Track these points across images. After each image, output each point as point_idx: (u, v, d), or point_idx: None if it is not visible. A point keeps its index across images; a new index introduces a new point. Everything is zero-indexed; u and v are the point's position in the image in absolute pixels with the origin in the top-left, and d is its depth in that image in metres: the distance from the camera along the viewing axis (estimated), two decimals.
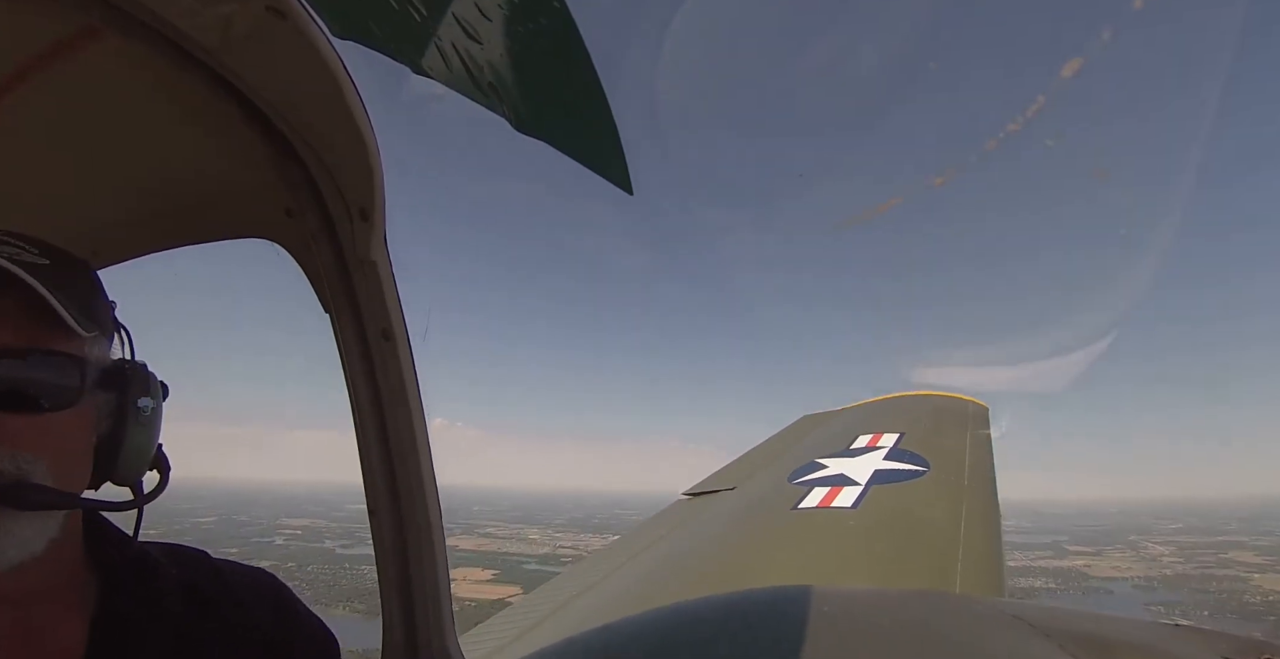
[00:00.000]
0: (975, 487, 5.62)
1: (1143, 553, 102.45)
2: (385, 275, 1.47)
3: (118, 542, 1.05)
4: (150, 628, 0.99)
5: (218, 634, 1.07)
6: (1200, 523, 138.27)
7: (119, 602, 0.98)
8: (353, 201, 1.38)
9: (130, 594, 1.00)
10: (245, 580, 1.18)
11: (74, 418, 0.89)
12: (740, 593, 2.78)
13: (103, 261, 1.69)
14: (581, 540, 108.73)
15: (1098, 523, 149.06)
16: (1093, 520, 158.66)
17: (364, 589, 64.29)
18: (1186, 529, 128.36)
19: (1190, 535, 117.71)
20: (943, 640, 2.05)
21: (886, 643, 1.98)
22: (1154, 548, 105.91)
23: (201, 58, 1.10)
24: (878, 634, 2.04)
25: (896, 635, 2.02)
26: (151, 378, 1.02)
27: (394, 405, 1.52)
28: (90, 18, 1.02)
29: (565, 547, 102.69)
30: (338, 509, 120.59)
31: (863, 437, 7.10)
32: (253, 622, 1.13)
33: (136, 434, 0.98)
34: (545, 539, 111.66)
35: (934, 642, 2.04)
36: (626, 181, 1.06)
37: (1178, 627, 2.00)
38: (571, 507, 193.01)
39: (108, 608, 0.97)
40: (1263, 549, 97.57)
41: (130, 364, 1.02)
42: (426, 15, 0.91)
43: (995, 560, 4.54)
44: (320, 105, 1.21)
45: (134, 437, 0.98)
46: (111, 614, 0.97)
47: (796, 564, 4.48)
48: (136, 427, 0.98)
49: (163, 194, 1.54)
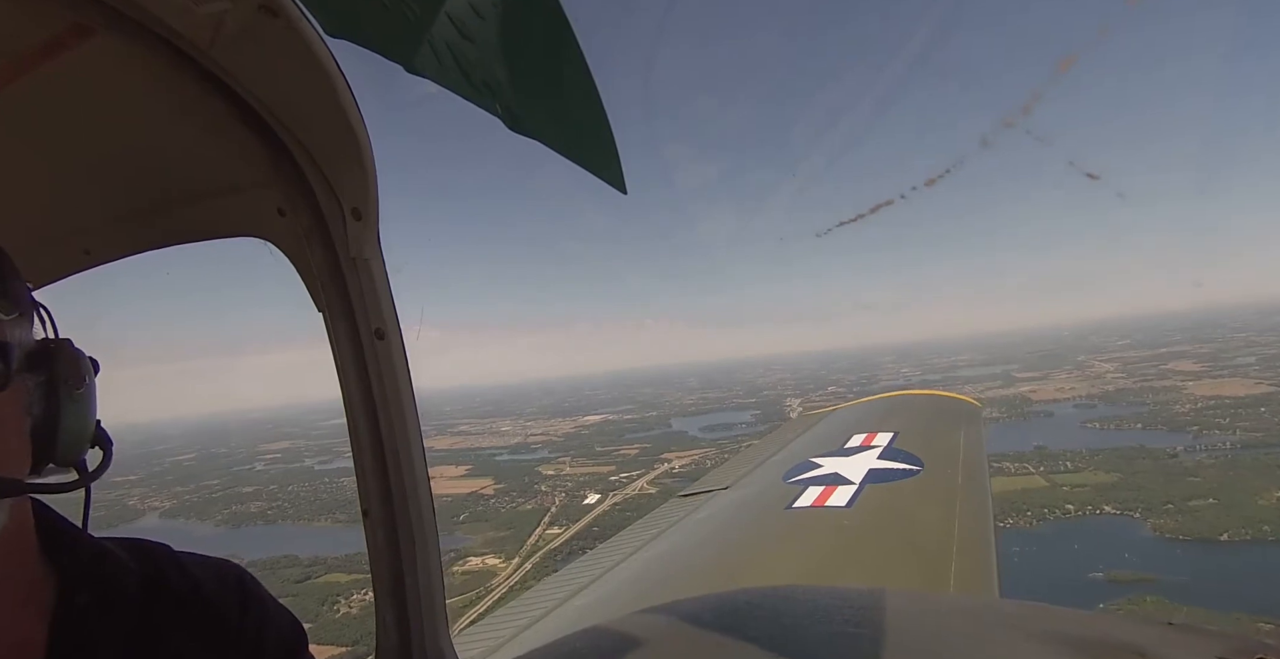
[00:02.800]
0: (969, 486, 5.65)
1: (1088, 372, 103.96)
2: (379, 274, 1.47)
3: (73, 536, 1.03)
4: (112, 623, 0.98)
5: (183, 628, 1.05)
6: (1147, 337, 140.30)
7: (78, 597, 0.96)
8: (346, 200, 1.37)
9: (89, 589, 0.98)
10: (209, 572, 1.16)
11: (4, 402, 0.86)
12: (734, 592, 2.78)
13: (95, 259, 1.69)
14: (551, 426, 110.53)
15: (1049, 348, 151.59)
16: (1048, 345, 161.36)
17: (343, 500, 65.26)
18: (1134, 344, 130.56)
19: (1137, 350, 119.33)
20: (934, 641, 2.06)
21: (878, 643, 1.98)
22: (1100, 366, 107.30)
23: (194, 56, 1.10)
24: (870, 634, 2.04)
25: (888, 636, 2.02)
26: (79, 355, 1.00)
27: (387, 405, 1.52)
28: (82, 16, 1.01)
29: (536, 434, 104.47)
30: (314, 428, 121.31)
31: (857, 436, 7.12)
32: (218, 613, 1.11)
33: (71, 412, 0.95)
34: (516, 429, 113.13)
35: (925, 642, 2.04)
36: (620, 181, 1.06)
37: (1171, 625, 2.00)
38: (541, 394, 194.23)
39: (67, 604, 0.95)
40: (1202, 357, 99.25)
41: (55, 343, 0.99)
42: (419, 13, 0.91)
43: (989, 560, 4.55)
44: (313, 104, 1.21)
45: (69, 415, 0.95)
46: (71, 610, 0.95)
47: (791, 564, 4.49)
48: (70, 405, 0.95)
49: (155, 192, 1.54)
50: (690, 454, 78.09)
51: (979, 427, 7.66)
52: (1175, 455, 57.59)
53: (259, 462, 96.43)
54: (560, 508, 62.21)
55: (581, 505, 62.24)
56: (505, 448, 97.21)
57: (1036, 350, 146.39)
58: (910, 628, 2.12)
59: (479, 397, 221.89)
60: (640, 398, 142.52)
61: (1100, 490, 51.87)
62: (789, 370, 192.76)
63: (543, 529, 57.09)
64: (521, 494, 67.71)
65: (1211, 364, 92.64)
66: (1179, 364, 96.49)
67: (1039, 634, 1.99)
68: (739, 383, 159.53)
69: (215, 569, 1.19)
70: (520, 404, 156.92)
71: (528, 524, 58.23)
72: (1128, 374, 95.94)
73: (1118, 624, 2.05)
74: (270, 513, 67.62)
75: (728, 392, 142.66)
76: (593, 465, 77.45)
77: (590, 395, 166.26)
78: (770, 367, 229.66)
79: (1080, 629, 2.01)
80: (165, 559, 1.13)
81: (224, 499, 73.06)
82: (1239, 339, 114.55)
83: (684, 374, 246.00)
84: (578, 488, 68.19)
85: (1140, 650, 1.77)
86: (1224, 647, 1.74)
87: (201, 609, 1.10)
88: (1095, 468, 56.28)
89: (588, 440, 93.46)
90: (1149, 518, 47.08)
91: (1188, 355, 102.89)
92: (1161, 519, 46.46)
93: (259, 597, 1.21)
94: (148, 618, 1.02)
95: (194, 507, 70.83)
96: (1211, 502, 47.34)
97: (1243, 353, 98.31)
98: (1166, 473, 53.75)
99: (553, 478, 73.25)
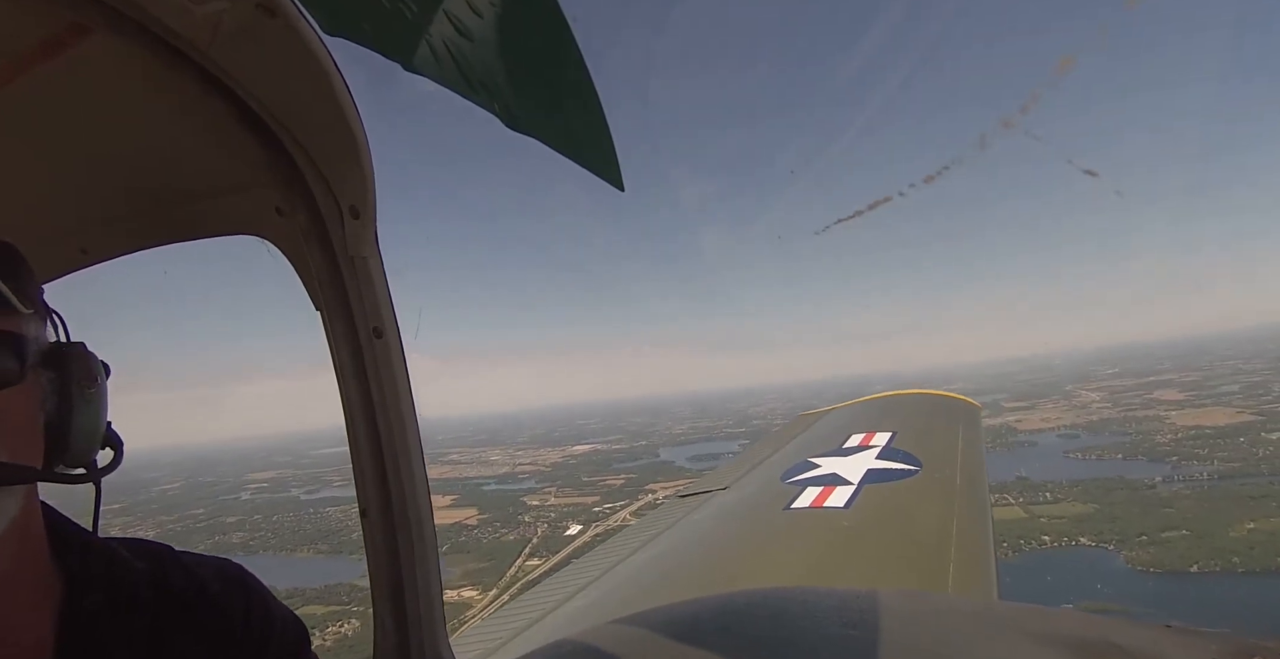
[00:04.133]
0: (967, 486, 5.64)
1: (1074, 402, 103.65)
2: (377, 273, 1.47)
3: (82, 539, 1.04)
4: (120, 623, 0.98)
5: (189, 628, 1.06)
6: (1137, 365, 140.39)
7: (88, 599, 0.97)
8: (344, 199, 1.37)
9: (99, 591, 0.98)
10: (212, 572, 1.17)
11: (21, 396, 0.86)
12: (732, 594, 2.78)
13: (92, 258, 1.68)
14: (540, 455, 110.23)
15: (1041, 376, 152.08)
16: (1041, 374, 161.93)
17: (327, 530, 65.43)
18: (1122, 373, 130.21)
19: (1124, 379, 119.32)
20: (933, 642, 2.05)
21: (876, 645, 1.97)
22: (1087, 395, 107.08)
23: (192, 55, 1.10)
24: (868, 636, 2.04)
25: (887, 637, 2.01)
26: (92, 356, 1.01)
27: (385, 404, 1.51)
28: (80, 15, 1.01)
29: (524, 464, 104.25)
30: (304, 456, 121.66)
31: (855, 436, 7.12)
32: (223, 613, 1.12)
33: (84, 412, 0.97)
34: (505, 459, 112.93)
35: (924, 644, 2.04)
36: (618, 178, 1.06)
37: (1168, 628, 2.00)
38: (535, 423, 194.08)
39: (75, 603, 0.96)
40: (1187, 385, 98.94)
41: (69, 345, 1.01)
42: (418, 12, 0.91)
43: (987, 561, 4.55)
44: (311, 102, 1.21)
45: (82, 414, 0.96)
46: (79, 609, 0.96)
47: (789, 565, 4.48)
48: (83, 404, 0.97)
49: (153, 191, 1.53)
50: (675, 484, 77.28)
51: (977, 427, 7.66)
52: (1153, 486, 57.55)
53: (246, 491, 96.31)
54: (542, 539, 62.10)
55: (563, 536, 62.00)
56: (493, 477, 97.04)
57: (1027, 380, 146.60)
58: (909, 629, 2.11)
59: (473, 425, 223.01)
60: (631, 427, 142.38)
61: (1077, 522, 51.87)
62: (782, 399, 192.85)
63: (523, 560, 56.94)
64: (505, 524, 67.57)
65: (1195, 393, 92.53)
66: (1164, 393, 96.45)
67: (1037, 636, 1.99)
68: (731, 412, 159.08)
69: (217, 569, 1.20)
70: (513, 433, 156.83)
71: (509, 555, 58.16)
72: (1113, 403, 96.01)
73: (1116, 626, 2.04)
74: (252, 544, 67.16)
75: (719, 420, 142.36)
76: (578, 495, 77.17)
77: (582, 425, 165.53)
78: (764, 396, 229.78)
79: (1078, 631, 2.01)
80: (169, 560, 1.14)
81: (207, 529, 72.47)
82: (1225, 367, 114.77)
83: (678, 403, 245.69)
84: (560, 518, 67.99)
85: (1138, 653, 1.77)
86: (1220, 650, 1.74)
87: (206, 609, 1.10)
88: (1074, 499, 56.31)
89: (575, 470, 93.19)
90: (1123, 550, 47.13)
91: (1173, 384, 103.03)
92: (1135, 551, 46.54)
93: (261, 596, 1.22)
94: (156, 618, 1.03)
95: (176, 536, 69.40)
96: (1185, 533, 47.44)
97: (1227, 381, 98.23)
98: (1143, 504, 53.74)
99: (537, 508, 73.03)
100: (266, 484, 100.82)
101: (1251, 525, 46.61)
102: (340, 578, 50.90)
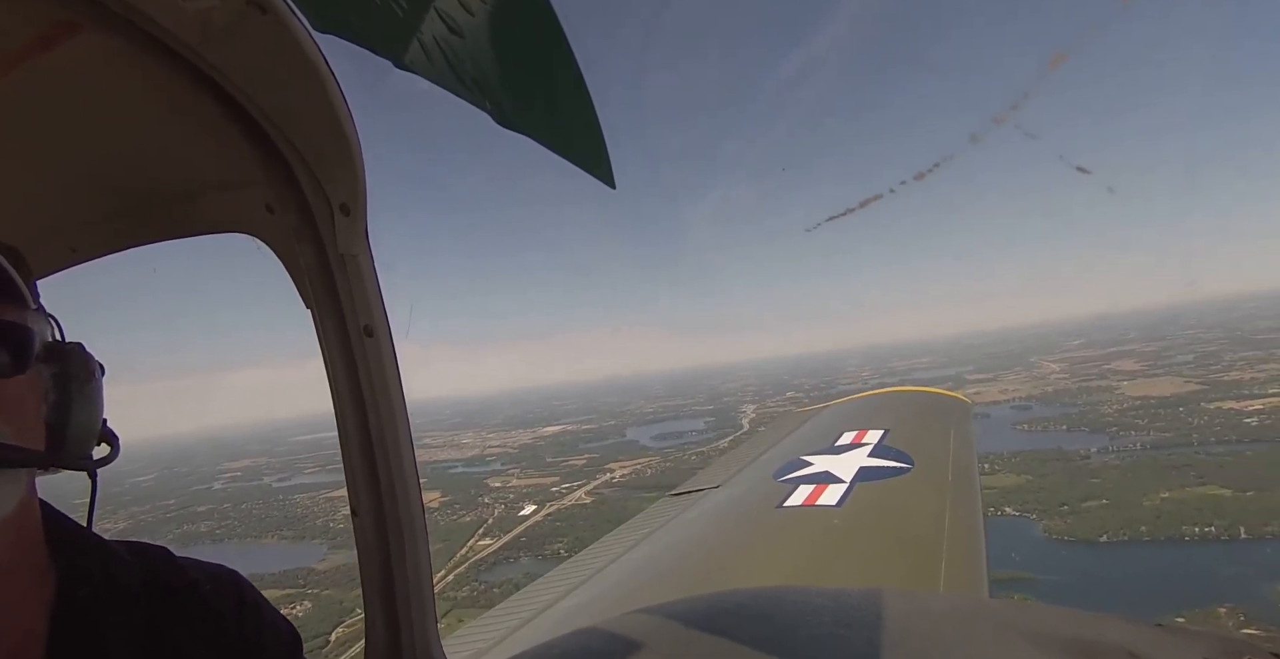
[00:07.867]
0: (959, 484, 5.66)
1: (1035, 373, 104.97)
2: (367, 270, 1.46)
3: (77, 533, 1.06)
4: (116, 619, 1.00)
5: (184, 625, 1.08)
6: (1102, 336, 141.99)
7: (82, 592, 0.98)
8: (334, 197, 1.37)
9: (93, 585, 1.00)
10: (207, 573, 1.19)
11: (26, 386, 0.90)
12: (724, 593, 2.78)
13: (82, 256, 1.68)
14: (510, 437, 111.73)
15: (1008, 348, 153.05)
16: (1009, 346, 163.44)
17: (293, 517, 66.34)
18: (1087, 343, 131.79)
19: (1088, 349, 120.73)
20: (925, 641, 2.06)
21: (868, 643, 1.98)
22: (1048, 366, 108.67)
23: (181, 52, 1.09)
24: (860, 634, 2.04)
25: (879, 636, 2.02)
26: (89, 356, 1.05)
27: (376, 402, 1.51)
28: (69, 12, 1.00)
29: (494, 446, 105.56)
30: (280, 444, 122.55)
31: (847, 433, 7.14)
32: (217, 613, 1.14)
33: (82, 406, 1.00)
34: (476, 441, 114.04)
35: (916, 642, 2.05)
36: (609, 176, 1.06)
37: (1159, 627, 2.01)
38: (509, 405, 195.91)
39: (69, 597, 0.97)
40: (1145, 356, 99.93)
41: (67, 343, 1.04)
42: (409, 9, 0.91)
43: (979, 558, 4.57)
44: (301, 100, 1.20)
45: (80, 408, 1.00)
46: (73, 603, 0.97)
47: (781, 563, 4.48)
48: (82, 399, 1.00)
49: (142, 189, 1.53)
50: (635, 463, 78.70)
51: (969, 424, 7.68)
52: (1087, 457, 58.24)
53: (218, 480, 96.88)
54: (496, 520, 62.74)
55: (517, 516, 62.67)
56: (461, 460, 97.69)
57: (994, 352, 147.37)
58: (900, 628, 2.12)
59: (450, 409, 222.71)
60: (603, 407, 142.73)
61: (1006, 493, 52.35)
62: (754, 376, 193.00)
63: (474, 540, 57.39)
64: (464, 507, 68.12)
65: (1151, 363, 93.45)
66: (1121, 363, 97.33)
67: (1029, 634, 2.00)
68: (703, 390, 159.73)
69: (213, 572, 1.22)
70: (487, 416, 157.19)
71: (463, 536, 58.61)
72: (1071, 374, 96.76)
73: (1107, 624, 2.06)
74: (219, 532, 67.55)
75: (689, 399, 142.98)
76: (539, 476, 77.77)
77: (557, 406, 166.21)
78: (737, 373, 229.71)
79: (1070, 629, 2.02)
80: (163, 560, 1.16)
81: (178, 519, 72.73)
82: (1185, 337, 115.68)
83: (653, 382, 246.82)
84: (518, 499, 68.61)
85: (1129, 651, 1.78)
86: (1210, 648, 1.75)
87: (200, 609, 1.12)
88: (1009, 470, 56.87)
89: (541, 452, 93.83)
90: (1043, 520, 47.84)
91: (1133, 354, 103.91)
92: (1054, 521, 47.24)
93: (255, 601, 1.24)
94: (149, 614, 1.04)
95: (147, 527, 70.21)
96: (1104, 502, 48.27)
97: (1183, 351, 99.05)
98: (1073, 475, 54.56)
99: (498, 490, 73.62)
100: (240, 473, 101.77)
101: (1165, 495, 47.64)
102: (302, 563, 51.87)
